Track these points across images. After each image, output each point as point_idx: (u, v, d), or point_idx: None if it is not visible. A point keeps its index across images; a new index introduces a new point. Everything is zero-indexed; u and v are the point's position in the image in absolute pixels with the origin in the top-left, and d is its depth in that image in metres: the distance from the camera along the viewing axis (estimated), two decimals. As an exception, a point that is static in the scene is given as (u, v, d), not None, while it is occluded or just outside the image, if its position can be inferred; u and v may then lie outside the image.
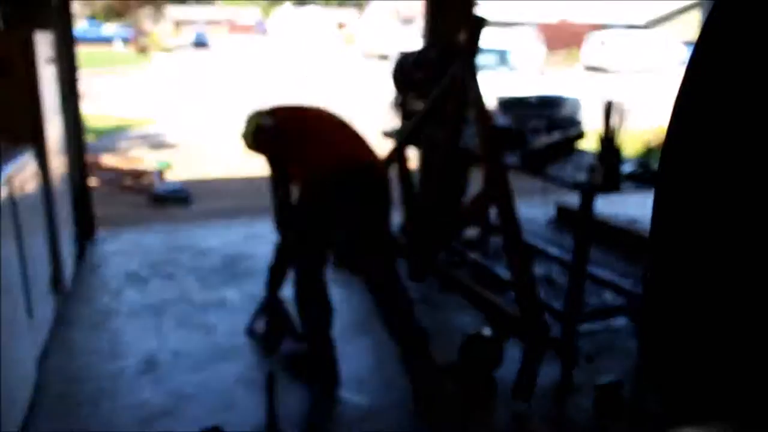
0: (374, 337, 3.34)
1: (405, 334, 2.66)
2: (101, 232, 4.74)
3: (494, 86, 8.32)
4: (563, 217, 5.00)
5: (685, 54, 25.28)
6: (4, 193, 2.43)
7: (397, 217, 4.89)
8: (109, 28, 35.98)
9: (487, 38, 3.27)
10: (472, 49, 3.11)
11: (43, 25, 3.69)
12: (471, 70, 3.09)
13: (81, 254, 4.08)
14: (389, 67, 4.28)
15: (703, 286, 0.44)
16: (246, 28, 56.81)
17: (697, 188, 0.44)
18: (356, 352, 3.21)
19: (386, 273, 2.69)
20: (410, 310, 2.68)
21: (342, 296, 3.83)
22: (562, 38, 30.92)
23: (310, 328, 2.76)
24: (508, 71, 9.44)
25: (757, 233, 0.41)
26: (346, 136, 2.78)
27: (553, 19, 32.06)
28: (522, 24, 32.25)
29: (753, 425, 0.41)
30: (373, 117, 6.58)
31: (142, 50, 28.08)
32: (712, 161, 0.43)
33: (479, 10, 4.40)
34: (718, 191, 0.43)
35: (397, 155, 3.78)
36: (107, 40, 32.31)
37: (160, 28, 45.96)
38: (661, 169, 0.49)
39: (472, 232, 4.46)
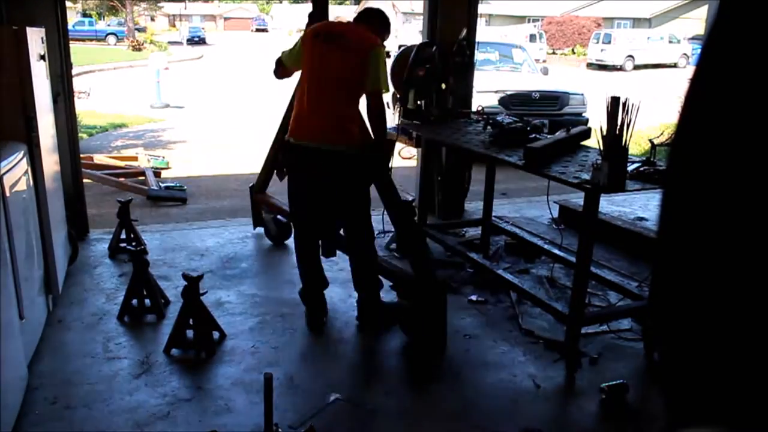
0: (373, 339, 3.29)
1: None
2: (95, 232, 4.67)
3: (498, 82, 8.15)
4: (566, 217, 4.95)
5: (691, 50, 25.26)
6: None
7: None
8: (103, 24, 35.83)
9: (491, 33, 3.20)
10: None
11: (36, 21, 3.63)
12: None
13: (74, 254, 4.02)
14: (388, 63, 4.22)
15: (714, 288, 0.43)
16: (243, 24, 56.66)
17: (709, 187, 0.43)
18: (355, 354, 3.16)
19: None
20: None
21: (341, 296, 3.77)
22: (567, 33, 30.92)
23: None
24: (511, 67, 9.27)
25: None
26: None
27: (557, 14, 32.06)
28: (526, 18, 32.25)
29: (758, 426, 0.41)
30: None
31: (136, 47, 27.92)
32: (725, 160, 0.42)
33: (482, 6, 4.35)
34: (730, 190, 0.42)
35: None
36: (101, 37, 32.12)
37: (155, 24, 45.81)
38: (670, 167, 0.48)
39: (473, 233, 4.42)
